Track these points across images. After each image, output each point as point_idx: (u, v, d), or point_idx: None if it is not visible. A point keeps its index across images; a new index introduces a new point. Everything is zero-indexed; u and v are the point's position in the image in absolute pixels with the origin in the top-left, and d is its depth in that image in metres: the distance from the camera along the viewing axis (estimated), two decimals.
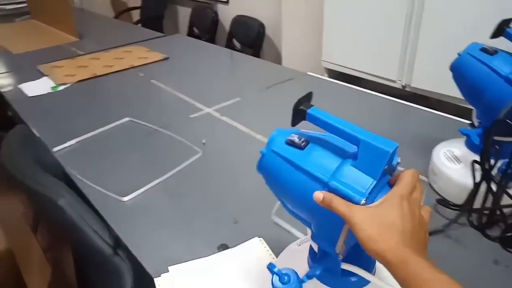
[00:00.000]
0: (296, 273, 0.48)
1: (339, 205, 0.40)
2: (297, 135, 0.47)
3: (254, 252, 0.68)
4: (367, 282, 0.49)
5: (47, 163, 0.93)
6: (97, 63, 1.67)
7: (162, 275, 0.63)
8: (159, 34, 2.13)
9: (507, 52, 0.68)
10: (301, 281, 0.48)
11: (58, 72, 1.57)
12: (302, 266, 0.52)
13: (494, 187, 0.68)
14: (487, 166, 0.68)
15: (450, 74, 0.76)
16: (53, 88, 1.43)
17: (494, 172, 0.68)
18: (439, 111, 1.11)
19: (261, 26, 2.17)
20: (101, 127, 1.12)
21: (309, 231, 0.51)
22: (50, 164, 0.95)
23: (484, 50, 0.69)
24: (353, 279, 0.48)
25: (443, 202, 0.74)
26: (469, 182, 0.71)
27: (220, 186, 0.87)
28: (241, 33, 2.42)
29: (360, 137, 0.42)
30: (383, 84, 1.54)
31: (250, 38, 2.26)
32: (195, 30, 2.96)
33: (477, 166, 0.70)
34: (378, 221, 0.38)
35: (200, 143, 1.01)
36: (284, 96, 1.31)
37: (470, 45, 0.72)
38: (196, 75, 1.52)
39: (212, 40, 2.64)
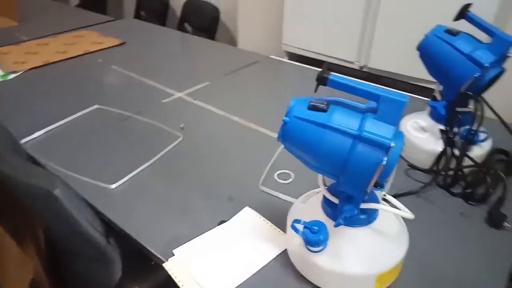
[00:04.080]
0: (321, 222, 0.55)
1: None
2: (317, 101, 0.52)
3: (247, 219, 0.72)
4: (374, 219, 0.58)
5: (20, 155, 0.89)
6: (47, 49, 1.57)
7: (169, 259, 0.65)
8: (109, 18, 2.04)
9: (468, 34, 0.78)
10: (326, 229, 0.56)
11: (4, 59, 1.46)
12: (309, 218, 0.58)
13: (456, 151, 0.78)
14: (451, 134, 0.78)
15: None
16: (2, 76, 1.34)
17: (456, 138, 0.78)
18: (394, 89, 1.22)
19: (216, 10, 2.16)
20: (69, 116, 1.08)
21: (322, 187, 0.59)
22: (22, 155, 0.90)
23: (448, 31, 0.78)
24: (363, 216, 0.57)
25: (414, 166, 0.84)
26: (434, 149, 0.81)
27: (206, 167, 0.89)
28: (193, 18, 2.38)
29: (380, 93, 0.49)
30: (342, 65, 1.62)
31: (204, 22, 2.24)
32: (142, 13, 2.86)
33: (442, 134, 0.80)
34: None
35: (178, 128, 1.01)
36: (251, 78, 1.35)
37: (436, 27, 0.81)
38: (158, 60, 1.50)
39: (162, 24, 2.56)
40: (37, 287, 0.88)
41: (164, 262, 0.65)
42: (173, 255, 0.66)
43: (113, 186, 0.82)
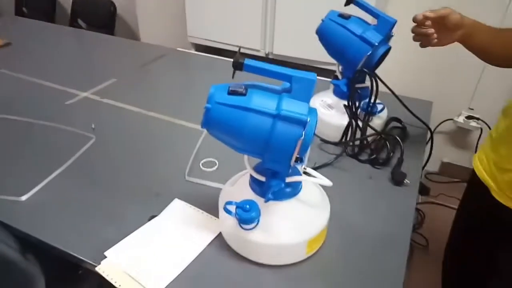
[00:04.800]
0: (252, 200, 0.57)
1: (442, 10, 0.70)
2: (236, 85, 0.54)
3: (178, 211, 0.73)
4: (299, 191, 0.63)
5: None
6: None
7: (102, 262, 0.62)
8: None
9: (358, 17, 0.87)
10: (257, 206, 0.59)
11: None
12: (240, 198, 0.61)
13: (359, 123, 0.88)
14: (354, 108, 0.87)
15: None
16: None
17: (358, 112, 0.88)
18: None
19: (111, 3, 2.04)
20: None
21: (249, 168, 0.62)
22: None
23: (341, 15, 0.86)
24: (288, 190, 0.61)
25: (325, 140, 0.91)
26: (341, 123, 0.89)
27: (126, 167, 0.86)
28: (87, 14, 2.23)
29: (292, 73, 0.53)
30: (249, 54, 1.67)
31: (100, 18, 2.11)
32: (25, 10, 2.58)
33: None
34: None
35: (89, 129, 0.96)
36: (161, 72, 1.32)
37: (330, 12, 0.88)
38: (54, 60, 1.38)
39: (51, 22, 2.34)
40: None
41: (95, 266, 0.62)
42: (105, 257, 0.63)
43: (24, 198, 0.75)
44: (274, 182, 0.58)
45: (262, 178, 0.61)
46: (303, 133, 0.53)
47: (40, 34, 1.62)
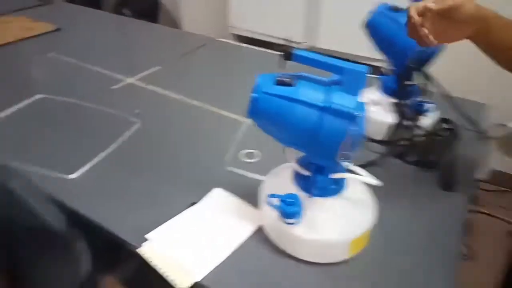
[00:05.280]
0: (295, 194, 0.56)
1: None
2: (284, 76, 0.53)
3: (219, 199, 0.73)
4: (343, 188, 0.61)
5: None
6: None
7: (143, 244, 0.63)
8: (37, 2, 1.88)
9: None
10: (300, 200, 0.58)
11: None
12: (282, 192, 0.60)
13: (407, 122, 0.84)
14: (402, 106, 0.84)
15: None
16: None
17: (406, 110, 0.84)
18: None
19: None
20: (10, 107, 0.99)
21: (292, 161, 0.61)
22: None
23: (392, 8, 0.83)
24: (333, 187, 0.60)
25: (369, 138, 0.89)
26: (387, 120, 0.86)
27: (168, 153, 0.87)
28: (132, 2, 2.27)
29: (343, 65, 0.52)
30: (291, 47, 1.65)
31: (144, 6, 2.15)
32: None
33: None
34: None
35: (134, 114, 0.97)
36: (202, 61, 1.33)
37: (380, 5, 0.85)
38: (101, 46, 1.42)
39: (97, 9, 2.41)
40: None
41: (137, 248, 0.63)
42: (147, 240, 0.64)
43: (72, 176, 0.77)
44: (319, 177, 0.57)
45: (307, 173, 0.60)
46: (352, 128, 0.51)
47: (87, 21, 1.67)
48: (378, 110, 0.89)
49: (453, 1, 0.57)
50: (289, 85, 0.53)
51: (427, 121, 0.87)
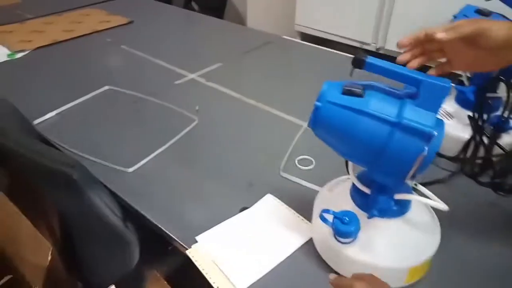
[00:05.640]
0: (352, 212, 0.52)
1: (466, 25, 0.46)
2: (352, 85, 0.49)
3: (270, 207, 0.71)
4: (406, 210, 0.56)
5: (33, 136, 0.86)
6: (54, 28, 1.53)
7: (192, 246, 0.63)
8: None
9: (500, 14, 0.74)
10: (358, 219, 0.53)
11: (9, 38, 1.42)
12: (338, 208, 0.56)
13: (485, 139, 0.75)
14: (480, 121, 0.75)
15: None
16: (9, 55, 1.30)
17: (485, 125, 0.75)
18: None
19: None
20: (80, 97, 1.05)
21: (352, 176, 0.56)
22: (35, 137, 0.88)
23: (479, 11, 0.74)
24: (395, 207, 0.54)
25: (439, 153, 0.81)
26: (462, 135, 0.78)
27: (223, 152, 0.86)
28: None
29: (421, 78, 0.46)
30: (354, 46, 1.58)
31: (212, 1, 2.18)
32: None
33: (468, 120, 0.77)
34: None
35: (193, 111, 0.98)
36: (265, 60, 1.31)
37: (465, 7, 0.77)
38: (168, 40, 1.46)
39: (168, 3, 2.50)
40: (54, 272, 0.87)
41: (186, 249, 0.63)
42: (195, 241, 0.64)
43: (130, 169, 0.80)
44: (382, 197, 0.52)
45: (367, 190, 0.55)
46: (426, 148, 0.46)
47: (158, 14, 1.73)
48: (452, 123, 0.81)
49: (473, 27, 0.47)
50: (357, 95, 0.49)
51: (508, 139, 0.77)
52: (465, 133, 0.78)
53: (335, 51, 1.30)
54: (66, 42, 1.40)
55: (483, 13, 0.74)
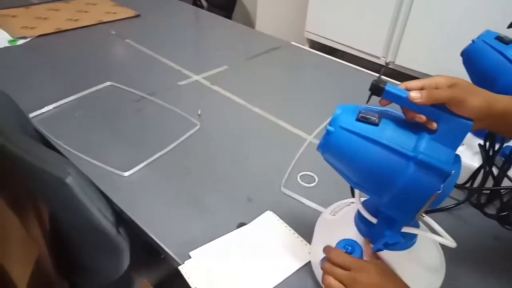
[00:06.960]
0: (355, 241, 0.51)
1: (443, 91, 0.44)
2: (368, 111, 0.47)
3: (269, 225, 0.68)
4: (412, 244, 0.54)
5: (27, 132, 0.83)
6: (59, 15, 1.49)
7: (186, 262, 0.60)
8: None
9: None
10: (361, 249, 0.52)
11: (12, 23, 1.38)
12: (340, 234, 0.55)
13: (494, 169, 0.73)
14: (491, 151, 0.73)
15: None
16: (10, 42, 1.27)
17: (496, 156, 0.73)
18: None
19: None
20: (80, 92, 1.02)
21: (359, 204, 0.54)
22: (30, 133, 0.85)
23: (499, 38, 0.72)
24: (402, 241, 0.51)
25: None
26: (470, 164, 0.76)
27: (224, 161, 0.84)
28: None
29: (442, 112, 0.44)
30: (363, 58, 1.55)
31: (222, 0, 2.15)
32: None
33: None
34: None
35: (195, 114, 0.96)
36: (272, 66, 1.28)
37: (485, 32, 0.74)
38: (174, 38, 1.42)
39: None
40: (42, 270, 0.85)
41: (179, 264, 0.60)
42: (189, 257, 0.61)
43: (126, 173, 0.77)
44: (389, 232, 0.50)
45: (373, 220, 0.53)
46: (442, 186, 0.43)
47: (166, 10, 1.69)
48: (461, 149, 0.79)
49: (449, 96, 0.44)
50: (373, 123, 0.46)
51: None
52: (475, 162, 0.76)
53: (344, 62, 1.27)
54: (69, 32, 1.37)
55: (503, 40, 0.71)
